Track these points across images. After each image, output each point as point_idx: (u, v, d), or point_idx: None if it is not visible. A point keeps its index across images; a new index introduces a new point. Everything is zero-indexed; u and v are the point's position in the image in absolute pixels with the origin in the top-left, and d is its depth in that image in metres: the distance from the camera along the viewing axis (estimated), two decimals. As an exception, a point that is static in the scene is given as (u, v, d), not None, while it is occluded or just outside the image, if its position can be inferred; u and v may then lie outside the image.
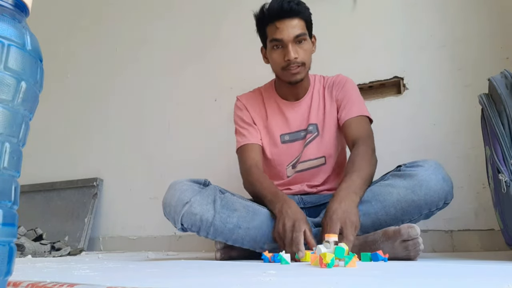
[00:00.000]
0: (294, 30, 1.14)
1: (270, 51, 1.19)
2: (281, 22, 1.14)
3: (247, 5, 2.00)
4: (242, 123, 1.28)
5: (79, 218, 2.10)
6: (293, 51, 1.14)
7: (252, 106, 1.30)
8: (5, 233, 0.36)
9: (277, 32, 1.14)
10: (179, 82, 2.11)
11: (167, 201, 1.06)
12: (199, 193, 1.05)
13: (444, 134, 1.51)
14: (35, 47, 0.39)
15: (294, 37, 1.14)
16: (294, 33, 1.14)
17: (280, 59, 1.17)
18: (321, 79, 1.31)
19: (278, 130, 1.26)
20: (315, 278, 0.57)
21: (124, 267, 0.86)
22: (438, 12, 1.59)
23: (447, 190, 0.99)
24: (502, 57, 1.47)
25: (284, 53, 1.16)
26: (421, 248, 0.89)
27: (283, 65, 1.17)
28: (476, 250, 1.39)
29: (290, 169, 1.25)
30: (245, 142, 1.25)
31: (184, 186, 1.07)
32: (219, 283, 0.54)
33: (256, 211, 1.05)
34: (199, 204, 1.02)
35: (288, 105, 1.27)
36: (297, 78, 1.19)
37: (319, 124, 1.24)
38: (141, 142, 2.15)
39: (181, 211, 1.02)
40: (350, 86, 1.26)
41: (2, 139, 0.35)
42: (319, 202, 1.21)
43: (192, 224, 1.03)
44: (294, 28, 1.14)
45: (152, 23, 2.24)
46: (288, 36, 1.14)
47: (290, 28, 1.14)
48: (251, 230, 1.02)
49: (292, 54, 1.14)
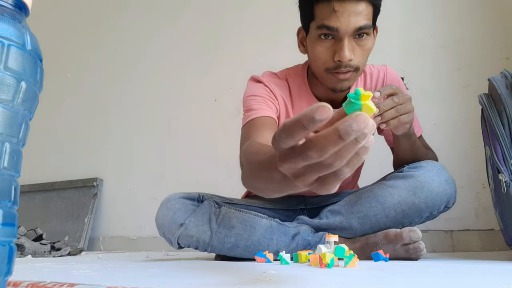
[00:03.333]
0: (358, 20, 0.83)
1: (314, 40, 0.89)
2: (342, 3, 0.82)
3: (248, 4, 2.01)
4: (256, 97, 0.98)
5: (79, 218, 2.10)
6: (349, 49, 0.85)
7: (278, 89, 1.01)
8: (5, 233, 0.36)
9: (332, 17, 0.83)
10: (179, 82, 2.11)
11: (160, 221, 1.00)
12: (193, 214, 0.98)
13: (444, 134, 1.51)
14: (35, 47, 0.39)
15: (355, 30, 0.85)
16: (356, 24, 0.84)
17: (328, 56, 0.89)
18: (362, 74, 1.05)
19: None
20: (315, 278, 0.57)
21: (124, 267, 0.86)
22: (438, 12, 1.59)
23: (449, 193, 0.94)
24: (502, 57, 1.47)
25: (335, 49, 0.87)
26: (423, 253, 0.88)
27: (329, 65, 0.89)
28: (476, 250, 1.39)
29: None
30: (256, 115, 0.93)
31: (176, 204, 0.99)
32: (219, 283, 0.54)
33: (254, 224, 0.99)
34: (194, 226, 0.96)
35: None
36: (344, 86, 0.93)
37: None
38: (141, 142, 2.15)
39: (176, 233, 0.97)
40: (404, 88, 1.06)
41: (2, 139, 0.35)
42: (321, 204, 1.17)
43: (189, 244, 0.99)
44: (358, 16, 0.83)
45: (153, 23, 2.24)
46: (347, 26, 0.84)
47: (352, 15, 0.83)
48: (249, 247, 0.98)
49: (348, 53, 0.85)
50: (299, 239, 1.01)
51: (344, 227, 1.00)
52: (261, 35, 1.89)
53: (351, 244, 0.98)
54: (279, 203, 1.19)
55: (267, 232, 0.99)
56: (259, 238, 0.98)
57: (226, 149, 1.79)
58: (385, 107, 0.82)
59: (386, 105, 0.82)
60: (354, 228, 0.99)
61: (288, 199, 1.20)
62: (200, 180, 1.93)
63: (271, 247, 0.99)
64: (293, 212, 1.19)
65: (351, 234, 1.00)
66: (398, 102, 0.82)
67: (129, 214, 2.09)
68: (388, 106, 0.83)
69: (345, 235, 1.01)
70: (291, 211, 1.19)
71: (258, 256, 0.92)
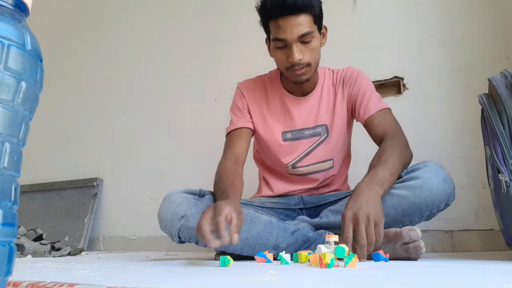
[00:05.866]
0: (299, 29, 1.02)
1: (273, 48, 1.09)
2: (284, 19, 1.01)
3: (247, 4, 2.01)
4: (235, 109, 1.22)
5: (79, 218, 2.10)
6: (297, 52, 1.04)
7: (252, 95, 1.22)
8: (5, 233, 0.36)
9: (279, 31, 1.03)
10: (179, 82, 2.11)
11: (163, 215, 1.02)
12: (194, 206, 1.00)
13: (444, 134, 1.51)
14: (35, 47, 0.39)
15: (299, 37, 1.03)
16: (298, 33, 1.02)
17: (284, 59, 1.08)
18: (330, 73, 1.22)
19: (281, 127, 1.18)
20: (315, 278, 0.57)
21: (124, 267, 0.86)
22: (438, 12, 1.59)
23: (448, 191, 0.95)
24: (502, 57, 1.47)
25: (288, 54, 1.06)
26: (422, 251, 0.88)
27: (287, 65, 1.08)
28: (476, 250, 1.39)
29: (290, 168, 1.19)
30: (232, 128, 1.19)
31: (178, 198, 1.02)
32: (219, 283, 0.54)
33: (254, 219, 1.00)
34: (195, 218, 0.96)
35: (293, 100, 1.19)
36: (302, 79, 1.11)
37: (328, 125, 1.17)
38: (141, 142, 2.15)
39: (177, 225, 0.99)
40: (363, 79, 1.17)
41: (2, 139, 0.35)
42: (319, 203, 1.18)
43: (190, 237, 0.99)
44: (299, 26, 1.01)
45: (153, 23, 2.24)
46: (292, 36, 1.02)
47: (294, 26, 1.01)
48: (249, 239, 0.98)
49: (296, 55, 1.04)
50: (298, 234, 1.01)
51: (344, 226, 1.00)
52: (261, 35, 1.88)
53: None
54: (278, 202, 1.19)
55: (266, 227, 1.00)
56: (258, 232, 0.99)
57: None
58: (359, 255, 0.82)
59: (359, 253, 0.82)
60: None
61: (287, 199, 1.21)
62: (200, 180, 1.92)
63: (270, 242, 0.99)
64: (292, 212, 1.19)
65: (351, 233, 1.01)
66: (361, 243, 0.81)
67: (129, 214, 2.09)
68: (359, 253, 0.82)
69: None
70: (291, 211, 1.19)
71: (258, 256, 0.92)
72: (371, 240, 0.81)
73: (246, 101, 1.22)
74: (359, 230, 0.82)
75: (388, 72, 1.63)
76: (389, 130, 1.08)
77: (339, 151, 1.20)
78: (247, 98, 1.22)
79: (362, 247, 0.81)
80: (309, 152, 1.18)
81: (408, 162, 1.03)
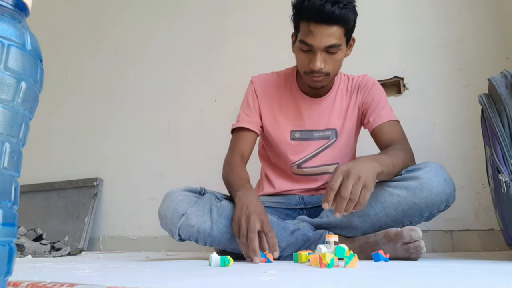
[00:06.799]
0: (328, 39, 1.01)
1: (297, 48, 1.08)
2: (317, 26, 1.00)
3: (248, 4, 2.01)
4: (247, 105, 1.22)
5: (79, 218, 2.10)
6: (320, 60, 1.04)
7: (264, 91, 1.22)
8: (5, 233, 0.36)
9: (309, 36, 1.02)
10: (179, 82, 2.11)
11: (163, 213, 1.02)
12: (195, 204, 1.01)
13: (444, 134, 1.51)
14: (35, 47, 0.39)
15: (326, 47, 1.03)
16: (327, 43, 1.02)
17: (305, 62, 1.07)
18: (346, 79, 1.23)
19: (290, 125, 1.19)
20: (315, 278, 0.57)
21: (124, 267, 0.86)
22: (438, 12, 1.59)
23: (448, 192, 0.95)
24: (502, 57, 1.47)
25: (310, 59, 1.06)
26: (423, 251, 0.88)
27: (306, 69, 1.08)
28: (476, 250, 1.39)
29: (295, 167, 1.20)
30: (242, 124, 1.19)
31: (179, 196, 1.03)
32: (219, 283, 0.54)
33: None
34: (195, 216, 0.99)
35: (306, 101, 1.19)
36: (318, 86, 1.12)
37: (338, 129, 1.18)
38: (141, 142, 2.15)
39: (177, 223, 0.99)
40: (378, 89, 1.19)
41: (2, 139, 0.35)
42: (320, 203, 1.17)
43: (189, 235, 1.00)
44: (329, 37, 1.01)
45: (153, 23, 2.24)
46: (319, 44, 1.02)
47: (324, 36, 1.01)
48: None
49: (319, 64, 1.04)
50: (298, 234, 1.01)
51: (344, 225, 1.01)
52: (261, 35, 1.89)
53: (351, 243, 0.98)
54: (279, 202, 1.19)
55: None
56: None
57: (226, 149, 1.79)
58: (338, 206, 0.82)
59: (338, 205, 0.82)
60: (355, 226, 1.00)
61: (288, 198, 1.21)
62: (200, 180, 1.92)
63: None
64: (293, 211, 1.19)
65: (351, 232, 1.01)
66: (344, 195, 0.81)
67: (129, 214, 2.09)
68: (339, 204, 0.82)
69: (346, 234, 1.01)
70: (291, 210, 1.19)
71: None
72: (354, 197, 0.81)
73: (258, 98, 1.22)
74: (346, 183, 0.82)
75: (388, 72, 1.63)
76: (397, 140, 1.10)
77: (345, 156, 1.21)
78: (259, 94, 1.22)
79: (343, 199, 0.81)
80: (316, 154, 1.19)
81: (409, 163, 1.04)
